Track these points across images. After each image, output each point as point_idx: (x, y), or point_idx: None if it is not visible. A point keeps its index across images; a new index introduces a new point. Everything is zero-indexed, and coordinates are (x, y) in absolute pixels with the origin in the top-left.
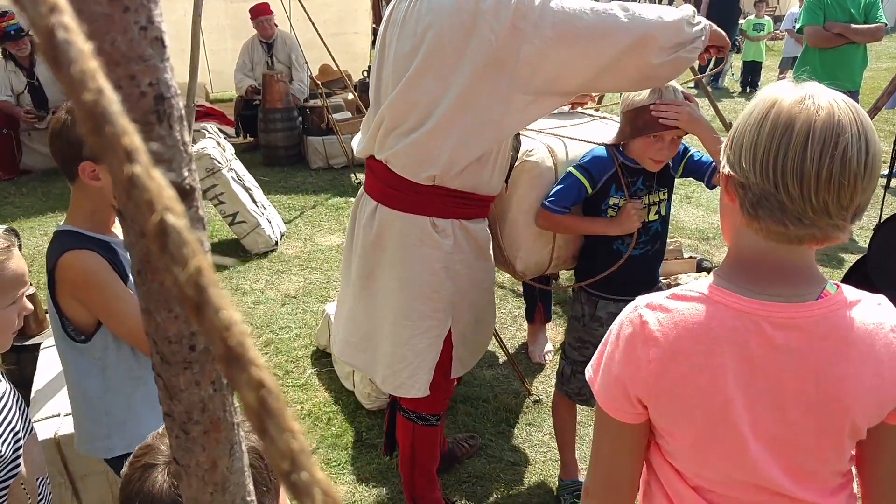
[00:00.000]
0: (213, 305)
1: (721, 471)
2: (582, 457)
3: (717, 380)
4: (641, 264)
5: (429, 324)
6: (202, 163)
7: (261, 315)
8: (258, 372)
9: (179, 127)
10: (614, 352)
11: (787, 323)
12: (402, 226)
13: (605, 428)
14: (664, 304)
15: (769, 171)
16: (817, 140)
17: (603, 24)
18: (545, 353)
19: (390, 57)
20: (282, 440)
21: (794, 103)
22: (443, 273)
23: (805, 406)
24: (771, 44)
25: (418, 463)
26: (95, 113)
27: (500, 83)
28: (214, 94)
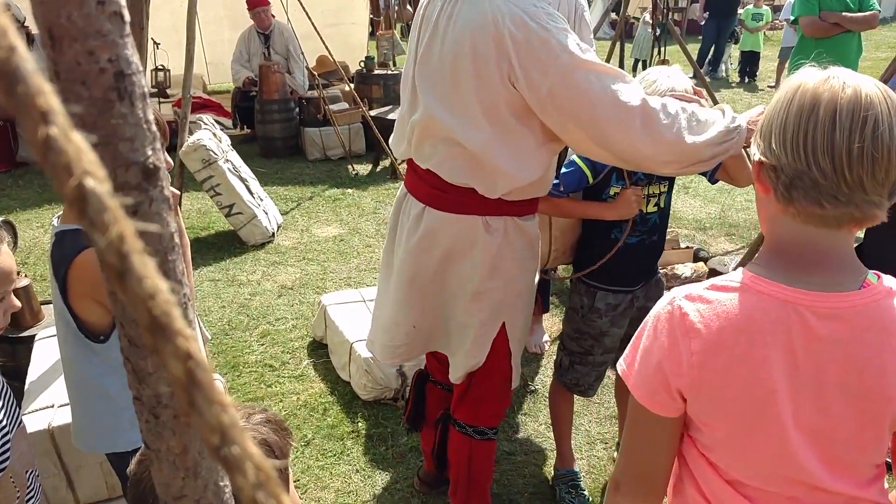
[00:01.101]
0: (135, 274)
1: (758, 463)
2: (577, 447)
3: (760, 371)
4: (640, 255)
5: (477, 319)
6: (198, 154)
7: (257, 306)
8: (185, 343)
9: (142, 104)
10: (652, 345)
11: (831, 313)
12: (452, 228)
13: (641, 422)
14: (704, 296)
15: (800, 150)
16: (845, 115)
17: (624, 129)
18: (541, 343)
19: (418, 57)
20: (211, 413)
21: (820, 82)
22: (489, 272)
23: (847, 397)
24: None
25: (475, 482)
26: (7, 71)
27: (527, 118)
28: (212, 85)
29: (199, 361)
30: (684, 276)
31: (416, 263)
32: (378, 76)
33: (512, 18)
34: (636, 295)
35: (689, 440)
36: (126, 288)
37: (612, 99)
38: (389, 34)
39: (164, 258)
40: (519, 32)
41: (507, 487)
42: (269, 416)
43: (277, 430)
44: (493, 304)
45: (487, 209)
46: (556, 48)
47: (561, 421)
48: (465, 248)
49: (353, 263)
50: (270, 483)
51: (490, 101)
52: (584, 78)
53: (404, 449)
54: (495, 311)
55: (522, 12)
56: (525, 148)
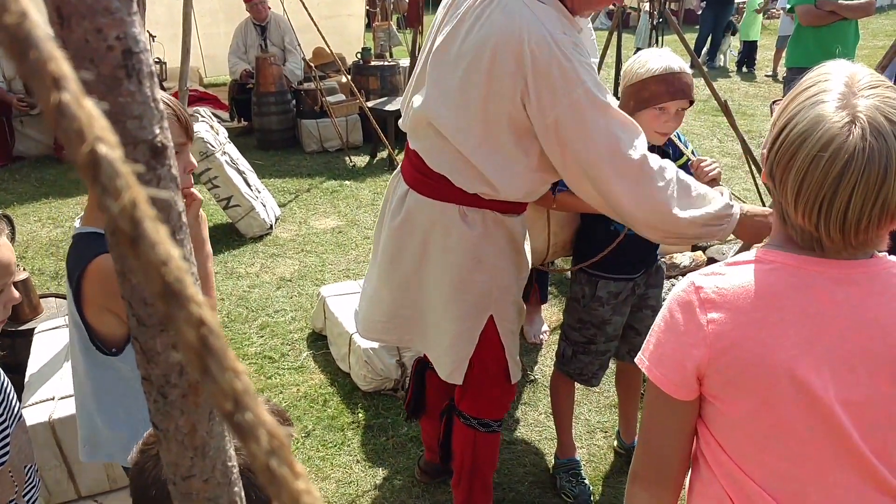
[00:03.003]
0: (148, 239)
1: (779, 442)
2: (577, 435)
3: (779, 335)
4: (640, 243)
5: (460, 311)
6: (196, 146)
7: (256, 298)
8: (198, 309)
9: (150, 83)
10: (668, 324)
11: (845, 278)
12: (430, 213)
13: (659, 408)
14: (717, 270)
15: (812, 216)
16: (860, 191)
17: (617, 179)
18: (541, 333)
19: (437, 44)
20: (224, 380)
21: (846, 149)
22: (471, 263)
23: (873, 364)
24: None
25: (479, 473)
26: (19, 37)
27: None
28: (208, 78)
29: (213, 328)
30: (682, 265)
31: (396, 245)
32: (375, 67)
33: (538, 39)
34: (637, 282)
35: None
36: (139, 254)
37: (614, 146)
38: (386, 25)
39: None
40: (541, 55)
41: (508, 476)
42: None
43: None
44: (477, 296)
45: (466, 200)
46: (574, 80)
47: (562, 410)
48: (442, 235)
49: (351, 255)
50: (283, 450)
51: (495, 112)
52: (592, 117)
53: (405, 439)
54: (480, 304)
55: (550, 36)
56: (515, 168)
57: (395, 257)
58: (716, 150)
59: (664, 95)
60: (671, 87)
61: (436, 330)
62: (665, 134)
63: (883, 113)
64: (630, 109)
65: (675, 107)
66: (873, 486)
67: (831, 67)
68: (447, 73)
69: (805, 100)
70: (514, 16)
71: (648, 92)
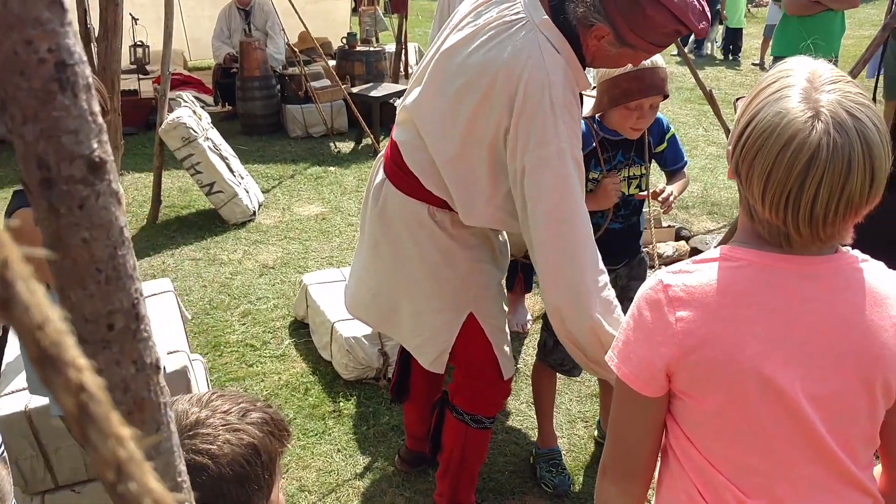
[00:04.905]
0: (22, 303)
1: (747, 436)
2: (558, 425)
3: (747, 333)
4: (624, 236)
5: (438, 305)
6: (178, 132)
7: (238, 286)
8: (77, 375)
9: (86, 96)
10: (637, 322)
11: (811, 273)
12: (403, 207)
13: (628, 404)
14: (685, 268)
15: (780, 211)
16: (826, 184)
17: (550, 247)
18: (524, 322)
19: (446, 43)
20: (105, 447)
21: (809, 145)
22: (443, 262)
23: (839, 359)
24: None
25: (466, 467)
26: None
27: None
28: (193, 61)
29: (93, 394)
30: (666, 255)
31: (377, 232)
32: (360, 53)
33: (536, 85)
34: (619, 274)
35: (675, 428)
36: (12, 317)
37: (559, 215)
38: (372, 10)
39: (112, 253)
40: (533, 100)
41: (489, 466)
42: (268, 416)
43: (273, 432)
44: (453, 294)
45: (435, 201)
46: (552, 137)
47: (543, 400)
48: (414, 229)
49: (335, 242)
50: None
51: (478, 135)
52: (553, 179)
53: (386, 428)
54: (458, 301)
55: (549, 86)
56: (478, 196)
57: (378, 244)
58: (701, 139)
59: (636, 93)
60: (643, 84)
61: (416, 320)
62: (638, 129)
63: (844, 107)
64: (604, 106)
65: (649, 102)
66: (838, 477)
67: (793, 63)
68: (446, 79)
69: (768, 96)
70: (523, 53)
71: (620, 89)
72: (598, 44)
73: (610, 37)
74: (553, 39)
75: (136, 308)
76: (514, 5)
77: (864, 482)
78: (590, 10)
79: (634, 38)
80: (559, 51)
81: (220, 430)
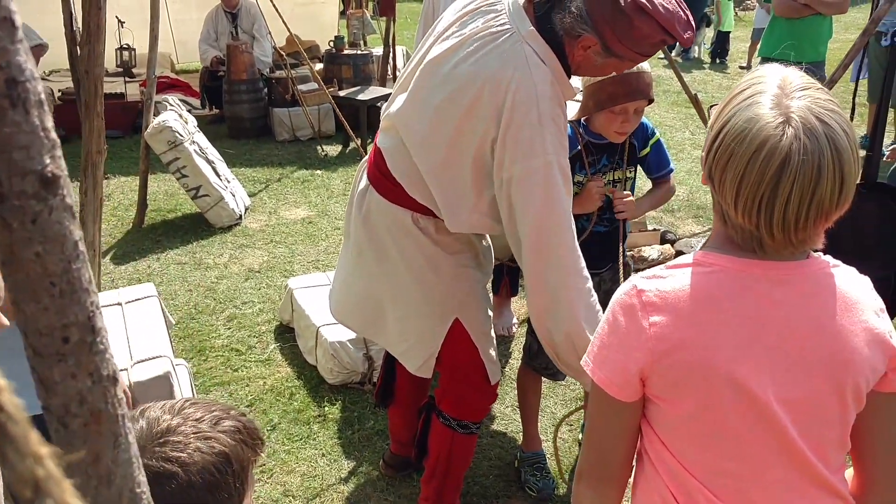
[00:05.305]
0: None
1: (720, 440)
2: (543, 429)
3: (720, 338)
4: (608, 239)
5: (423, 311)
6: (164, 136)
7: (224, 290)
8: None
9: (38, 112)
10: (612, 327)
11: (783, 278)
12: (386, 214)
13: (603, 409)
14: (659, 273)
15: (752, 216)
16: (797, 189)
17: (535, 255)
18: (510, 326)
19: (432, 53)
20: (23, 466)
21: (780, 151)
22: (427, 268)
23: (810, 363)
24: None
25: (452, 472)
26: None
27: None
28: (180, 64)
29: (11, 413)
30: (651, 259)
31: (362, 237)
32: (347, 56)
33: (523, 96)
34: (603, 278)
35: (649, 432)
36: None
37: (546, 224)
38: (359, 13)
39: (67, 267)
40: (520, 112)
41: (473, 470)
42: (240, 425)
43: (246, 440)
44: (438, 300)
45: (418, 209)
46: (540, 149)
47: (528, 404)
48: (398, 235)
49: (321, 246)
50: None
51: (464, 144)
52: (539, 191)
53: (371, 432)
54: (443, 307)
55: (536, 98)
56: (463, 202)
57: (363, 249)
58: (688, 142)
59: (621, 97)
60: (628, 89)
61: (402, 325)
62: (623, 133)
63: (814, 113)
64: (589, 110)
65: (634, 107)
66: (810, 481)
67: (765, 70)
68: (431, 89)
69: (740, 102)
70: (510, 64)
71: (606, 93)
72: (584, 53)
73: (597, 47)
74: (539, 50)
75: (91, 321)
76: (499, 16)
77: (835, 485)
78: (577, 22)
79: (621, 48)
80: (545, 62)
81: (191, 437)
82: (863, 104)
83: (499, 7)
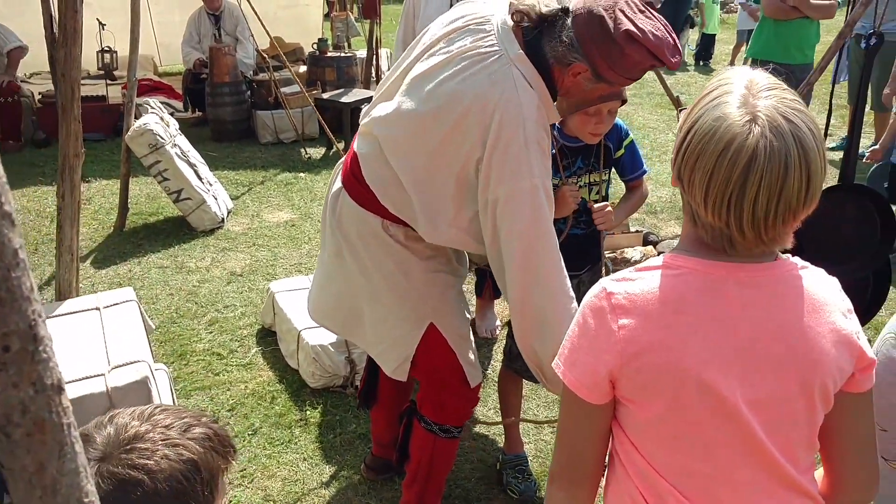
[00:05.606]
0: None
1: (689, 442)
2: (524, 431)
3: (689, 340)
4: (586, 241)
5: (397, 315)
6: (144, 139)
7: (206, 294)
8: None
9: None
10: (581, 330)
11: (750, 281)
12: (357, 218)
13: (573, 411)
14: (628, 276)
15: (722, 213)
16: (765, 187)
17: (520, 275)
18: (493, 328)
19: (420, 65)
20: None
21: (747, 148)
22: (399, 274)
23: (778, 365)
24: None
25: (434, 477)
26: None
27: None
28: (163, 67)
29: None
30: (634, 260)
31: (334, 241)
32: (331, 58)
33: (510, 119)
34: (582, 280)
35: (620, 433)
36: None
37: (531, 247)
38: (344, 16)
39: (6, 275)
40: (507, 134)
41: (455, 473)
42: (211, 432)
43: (216, 448)
44: (411, 305)
45: (389, 216)
46: (526, 171)
47: (509, 406)
48: (368, 240)
49: (304, 249)
50: None
51: (447, 159)
52: (527, 213)
53: (352, 436)
54: (417, 312)
55: (522, 120)
56: (442, 216)
57: (338, 252)
58: (671, 144)
59: (595, 100)
60: None
61: (378, 328)
62: (598, 135)
63: (780, 112)
64: (563, 112)
65: (608, 108)
66: (779, 481)
67: (731, 73)
68: (417, 103)
69: (707, 103)
70: (497, 86)
71: None
72: (574, 80)
73: (587, 73)
74: (527, 74)
75: (33, 329)
76: (487, 36)
77: (804, 485)
78: (569, 50)
79: (612, 74)
80: (532, 85)
81: (160, 444)
82: (844, 106)
83: (487, 27)
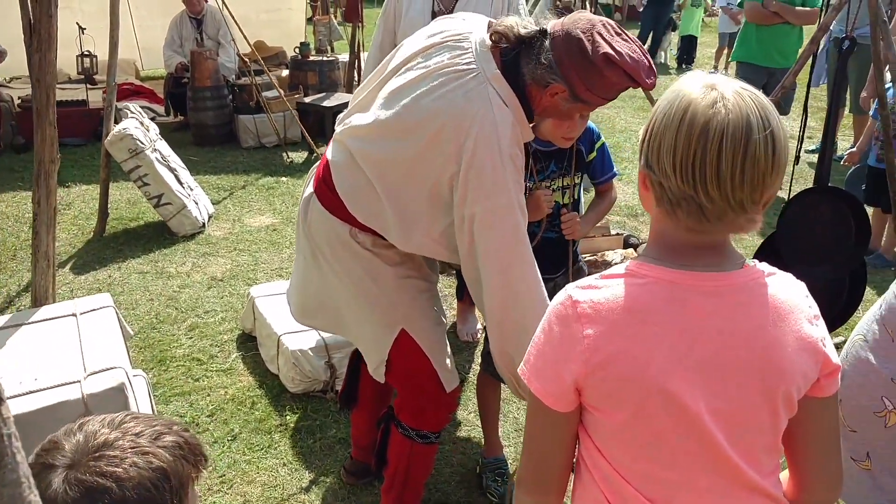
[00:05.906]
0: None
1: (653, 449)
2: (505, 434)
3: (653, 350)
4: (559, 245)
5: (370, 319)
6: (124, 143)
7: (186, 299)
8: None
9: None
10: (547, 337)
11: (713, 290)
12: (325, 224)
13: (539, 418)
14: (593, 284)
15: (688, 175)
16: (729, 144)
17: (495, 291)
18: (474, 332)
19: (393, 80)
20: None
21: (707, 106)
22: (367, 280)
23: (742, 374)
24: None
25: (412, 482)
26: None
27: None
28: (145, 71)
29: None
30: (614, 263)
31: (309, 243)
32: (313, 62)
33: (485, 137)
34: (558, 283)
35: (586, 439)
36: None
37: (508, 263)
38: (326, 20)
39: None
40: (482, 152)
41: (435, 476)
42: (182, 440)
43: (186, 456)
44: (382, 311)
45: (357, 224)
46: (502, 188)
47: (488, 410)
48: (336, 246)
49: (285, 254)
50: None
51: (421, 172)
52: (503, 230)
53: (332, 441)
54: (387, 317)
55: (497, 139)
56: (416, 226)
57: (313, 255)
58: None
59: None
60: None
61: (356, 329)
62: (570, 139)
63: (740, 86)
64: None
65: (577, 111)
66: (742, 487)
67: (690, 75)
68: (392, 116)
69: (668, 94)
70: (473, 104)
71: None
72: (552, 100)
73: (565, 94)
74: (503, 93)
75: None
76: (465, 53)
77: (767, 489)
78: (547, 72)
79: (590, 95)
80: (507, 105)
81: (129, 452)
82: (823, 109)
83: (465, 45)
